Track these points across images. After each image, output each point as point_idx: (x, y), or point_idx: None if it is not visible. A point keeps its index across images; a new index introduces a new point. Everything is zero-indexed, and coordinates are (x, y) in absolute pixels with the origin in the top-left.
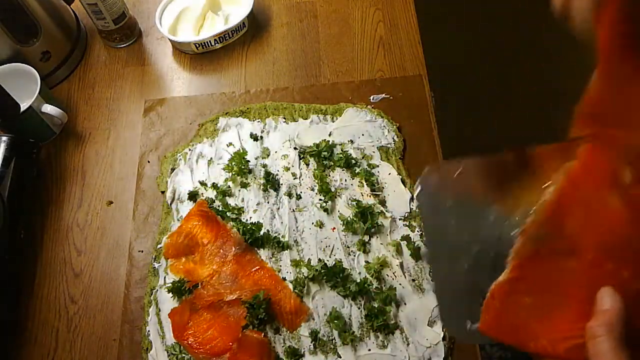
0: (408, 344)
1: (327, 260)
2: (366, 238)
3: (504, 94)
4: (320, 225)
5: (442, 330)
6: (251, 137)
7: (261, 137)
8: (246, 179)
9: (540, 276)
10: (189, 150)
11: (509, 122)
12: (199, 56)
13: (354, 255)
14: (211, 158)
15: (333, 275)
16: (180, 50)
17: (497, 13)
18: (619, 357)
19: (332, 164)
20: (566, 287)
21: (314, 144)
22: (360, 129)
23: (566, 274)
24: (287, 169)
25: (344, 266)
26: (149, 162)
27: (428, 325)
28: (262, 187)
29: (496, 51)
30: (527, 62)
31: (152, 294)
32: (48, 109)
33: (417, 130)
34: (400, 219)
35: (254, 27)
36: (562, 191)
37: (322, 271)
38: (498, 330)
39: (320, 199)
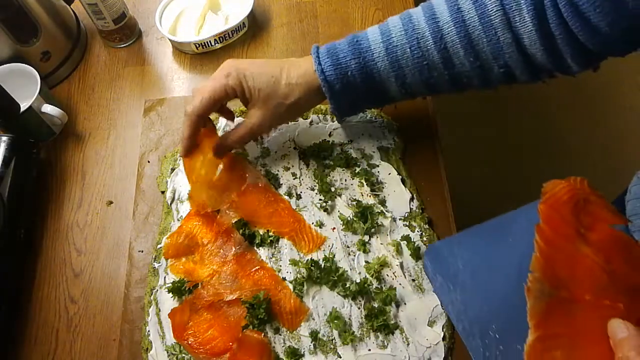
0: (408, 344)
1: (327, 260)
2: (366, 238)
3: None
4: (320, 225)
5: (442, 330)
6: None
7: (261, 137)
8: None
9: (562, 327)
10: None
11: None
12: (199, 56)
13: (354, 255)
14: None
15: (327, 274)
16: (180, 50)
17: None
18: None
19: (332, 164)
20: (585, 331)
21: (314, 143)
22: (360, 129)
23: (579, 319)
24: (287, 169)
25: (339, 265)
26: (149, 162)
27: (428, 325)
28: None
29: None
30: None
31: (152, 294)
32: (48, 109)
33: (417, 130)
34: (400, 219)
35: (254, 27)
36: (540, 248)
37: (312, 268)
38: None
39: (320, 199)
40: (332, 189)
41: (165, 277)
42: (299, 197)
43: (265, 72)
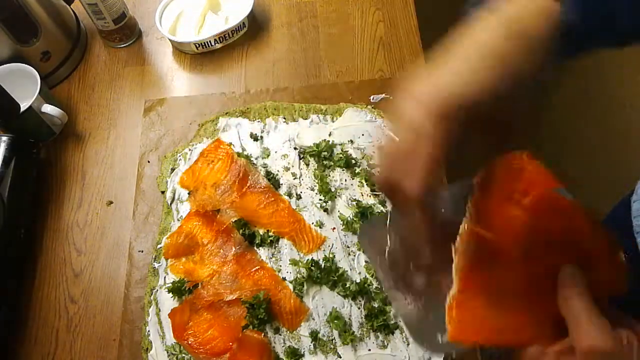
0: (408, 344)
1: (327, 260)
2: None
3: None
4: (320, 225)
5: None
6: (251, 137)
7: (261, 137)
8: None
9: (484, 281)
10: (189, 150)
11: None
12: (199, 56)
13: (354, 255)
14: None
15: (327, 274)
16: (180, 50)
17: None
18: (591, 309)
19: (332, 164)
20: (507, 284)
21: (314, 144)
22: (360, 129)
23: (502, 274)
24: (287, 169)
25: (339, 265)
26: (149, 162)
27: None
28: None
29: None
30: None
31: (152, 294)
32: (48, 109)
33: None
34: None
35: (254, 27)
36: (470, 212)
37: (312, 268)
38: (465, 335)
39: (320, 199)
40: (332, 189)
41: (165, 277)
42: (299, 197)
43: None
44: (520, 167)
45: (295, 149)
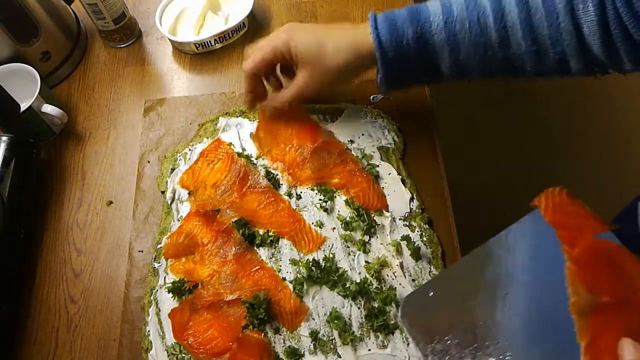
0: (408, 344)
1: (327, 260)
2: (366, 238)
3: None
4: (320, 225)
5: None
6: (251, 136)
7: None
8: None
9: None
10: (189, 150)
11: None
12: (199, 56)
13: (354, 255)
14: None
15: (327, 274)
16: (180, 50)
17: None
18: None
19: None
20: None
21: None
22: (360, 129)
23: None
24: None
25: (339, 265)
26: (149, 162)
27: None
28: None
29: None
30: None
31: (152, 294)
32: (48, 109)
33: (417, 130)
34: (400, 219)
35: (254, 27)
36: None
37: (314, 269)
38: None
39: (320, 199)
40: (332, 189)
41: (165, 277)
42: (299, 197)
43: (313, 36)
44: (562, 210)
45: None
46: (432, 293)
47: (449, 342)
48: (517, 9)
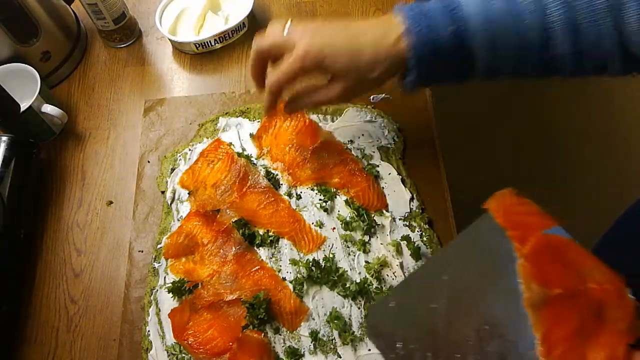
0: None
1: (327, 260)
2: (366, 238)
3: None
4: (320, 225)
5: None
6: (251, 137)
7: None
8: None
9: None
10: (189, 150)
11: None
12: (199, 56)
13: (354, 255)
14: None
15: (327, 274)
16: (180, 50)
17: None
18: None
19: None
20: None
21: None
22: (360, 129)
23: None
24: None
25: (339, 265)
26: (149, 162)
27: None
28: None
29: None
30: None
31: (152, 294)
32: (48, 109)
33: (417, 130)
34: (400, 219)
35: (254, 27)
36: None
37: (314, 269)
38: None
39: (320, 199)
40: (332, 189)
41: (165, 277)
42: (299, 197)
43: (345, 48)
44: (512, 211)
45: None
46: (393, 303)
47: (411, 346)
48: (561, 9)
